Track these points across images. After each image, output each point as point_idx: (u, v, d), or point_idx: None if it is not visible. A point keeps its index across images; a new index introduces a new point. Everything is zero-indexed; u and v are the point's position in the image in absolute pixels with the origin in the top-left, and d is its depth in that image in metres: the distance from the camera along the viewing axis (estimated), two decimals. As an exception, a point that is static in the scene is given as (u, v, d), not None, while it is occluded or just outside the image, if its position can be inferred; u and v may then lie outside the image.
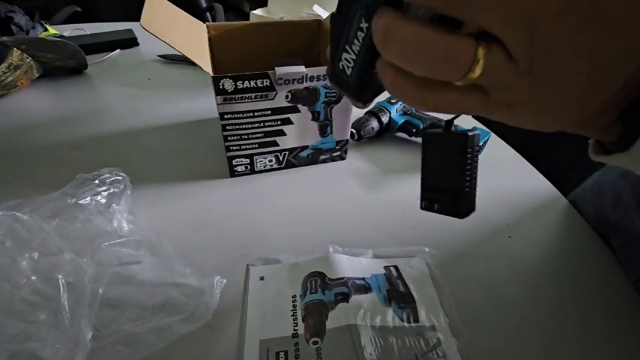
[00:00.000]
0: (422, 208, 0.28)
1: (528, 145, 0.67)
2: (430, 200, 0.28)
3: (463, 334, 0.37)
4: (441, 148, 0.27)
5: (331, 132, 0.57)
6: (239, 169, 0.57)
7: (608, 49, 0.16)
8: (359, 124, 0.63)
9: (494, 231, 0.50)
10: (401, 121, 0.65)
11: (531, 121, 0.20)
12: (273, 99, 0.51)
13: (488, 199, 0.53)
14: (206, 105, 0.72)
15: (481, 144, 0.61)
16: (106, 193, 0.45)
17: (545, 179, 0.60)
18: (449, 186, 0.26)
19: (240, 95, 0.49)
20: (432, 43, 0.16)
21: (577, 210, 0.54)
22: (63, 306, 0.33)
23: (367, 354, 0.35)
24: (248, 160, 0.56)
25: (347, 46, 0.22)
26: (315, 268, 0.42)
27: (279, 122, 0.53)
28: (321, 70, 0.50)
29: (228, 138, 0.52)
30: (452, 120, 0.28)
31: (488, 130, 0.67)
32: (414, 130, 0.64)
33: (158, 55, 0.92)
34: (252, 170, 0.57)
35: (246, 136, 0.53)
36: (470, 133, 0.25)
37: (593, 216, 0.52)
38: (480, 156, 0.67)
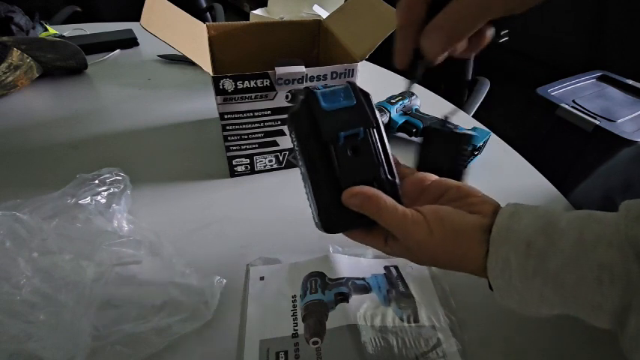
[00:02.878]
0: None
1: (528, 145, 0.67)
2: None
3: (463, 334, 0.37)
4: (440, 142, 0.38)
5: (331, 132, 0.57)
6: (239, 169, 0.57)
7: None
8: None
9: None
10: (401, 121, 0.65)
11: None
12: (273, 99, 0.51)
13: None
14: (206, 105, 0.72)
15: (481, 143, 0.61)
16: (106, 193, 0.45)
17: (544, 179, 0.60)
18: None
19: (240, 95, 0.49)
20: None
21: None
22: (63, 306, 0.33)
23: (367, 354, 0.35)
24: (248, 160, 0.56)
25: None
26: (315, 268, 0.43)
27: (279, 122, 0.53)
28: (321, 70, 0.50)
29: (228, 138, 0.52)
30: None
31: (488, 130, 0.67)
32: (413, 130, 0.64)
33: (158, 55, 0.92)
34: (252, 170, 0.57)
35: (246, 136, 0.53)
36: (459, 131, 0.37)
37: (601, 201, 0.52)
38: (480, 156, 0.67)
